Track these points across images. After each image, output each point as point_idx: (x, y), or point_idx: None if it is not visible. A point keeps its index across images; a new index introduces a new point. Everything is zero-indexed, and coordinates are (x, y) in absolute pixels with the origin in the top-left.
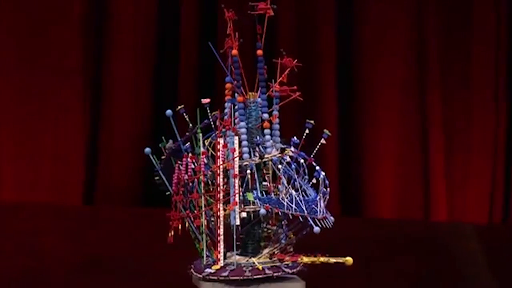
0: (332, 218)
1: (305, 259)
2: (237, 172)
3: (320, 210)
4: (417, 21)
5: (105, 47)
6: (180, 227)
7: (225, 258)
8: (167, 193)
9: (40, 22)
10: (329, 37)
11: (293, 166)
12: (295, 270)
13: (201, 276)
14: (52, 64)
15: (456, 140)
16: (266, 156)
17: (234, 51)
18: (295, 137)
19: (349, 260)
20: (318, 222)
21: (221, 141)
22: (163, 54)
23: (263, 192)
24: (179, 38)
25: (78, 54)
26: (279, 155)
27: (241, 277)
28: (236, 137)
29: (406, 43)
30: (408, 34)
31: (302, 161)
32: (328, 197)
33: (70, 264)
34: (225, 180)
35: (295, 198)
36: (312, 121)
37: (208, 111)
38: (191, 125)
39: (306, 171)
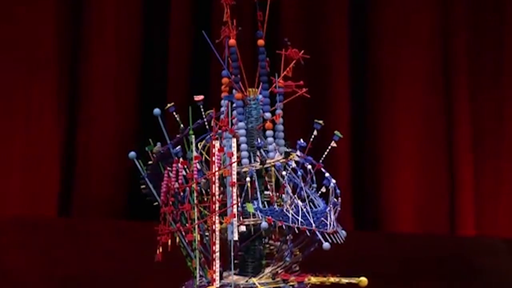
0: (344, 232)
1: (313, 280)
2: (235, 180)
3: (330, 223)
4: (443, 7)
5: (83, 35)
6: (169, 242)
7: (221, 278)
8: (155, 203)
9: (7, 7)
10: (341, 24)
11: (299, 172)
12: None
13: None
14: (22, 55)
15: (486, 143)
16: (268, 161)
17: (232, 41)
18: (301, 140)
19: (363, 280)
20: (327, 237)
21: (217, 144)
22: (150, 44)
23: (265, 203)
24: (168, 26)
25: (52, 44)
26: (283, 160)
27: None
28: (234, 140)
29: (431, 32)
30: (433, 21)
31: (309, 167)
32: (339, 208)
33: (43, 284)
34: (222, 189)
35: (302, 209)
36: (321, 121)
37: (202, 109)
38: (182, 125)
39: (314, 178)
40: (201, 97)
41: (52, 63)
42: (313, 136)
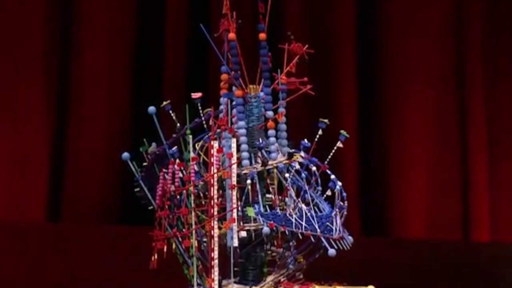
0: (350, 238)
1: None
2: (235, 182)
3: (336, 228)
4: (456, 1)
5: (74, 30)
6: (165, 249)
7: (220, 287)
8: (150, 207)
9: None
10: (348, 17)
11: (303, 174)
12: None
13: None
14: (9, 50)
15: (502, 144)
16: (270, 162)
17: (232, 35)
18: (305, 140)
19: None
20: (333, 243)
21: (216, 144)
22: (145, 39)
23: (267, 207)
24: (164, 20)
25: (40, 40)
26: (286, 161)
27: None
28: (234, 140)
29: (443, 26)
30: (445, 14)
31: (314, 168)
32: (345, 212)
33: None
34: (220, 192)
35: (306, 213)
36: (326, 120)
37: (200, 107)
38: (178, 125)
39: (319, 181)
40: (199, 94)
41: (40, 60)
42: (318, 136)
